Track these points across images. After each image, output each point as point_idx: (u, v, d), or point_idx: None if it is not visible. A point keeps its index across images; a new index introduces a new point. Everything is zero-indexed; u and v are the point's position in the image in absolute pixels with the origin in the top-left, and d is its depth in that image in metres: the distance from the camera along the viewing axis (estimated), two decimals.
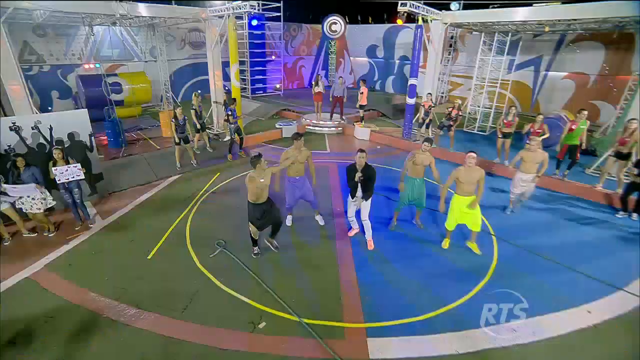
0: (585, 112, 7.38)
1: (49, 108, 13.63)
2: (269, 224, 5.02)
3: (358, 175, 4.84)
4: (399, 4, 9.13)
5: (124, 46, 15.48)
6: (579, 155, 7.54)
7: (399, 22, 10.21)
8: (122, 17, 9.35)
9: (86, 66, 14.62)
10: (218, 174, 8.36)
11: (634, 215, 6.52)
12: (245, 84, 16.94)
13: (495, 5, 11.63)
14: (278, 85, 19.49)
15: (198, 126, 9.21)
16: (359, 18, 21.36)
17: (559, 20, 8.89)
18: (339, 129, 12.17)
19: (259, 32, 17.72)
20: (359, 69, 22.14)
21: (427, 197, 5.89)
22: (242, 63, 13.33)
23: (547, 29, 9.32)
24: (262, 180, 4.62)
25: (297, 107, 15.09)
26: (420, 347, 3.66)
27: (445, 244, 5.52)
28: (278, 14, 17.54)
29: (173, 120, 8.06)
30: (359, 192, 5.01)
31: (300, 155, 5.51)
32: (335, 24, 19.44)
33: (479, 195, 5.04)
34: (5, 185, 5.22)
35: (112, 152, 9.39)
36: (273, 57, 19.34)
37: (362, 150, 4.86)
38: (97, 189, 7.12)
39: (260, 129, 11.86)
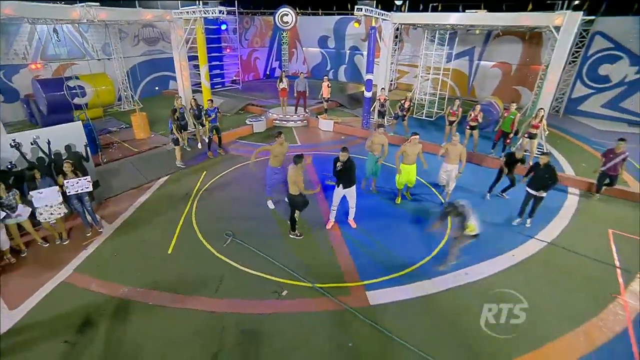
0: (514, 104, 9.25)
1: None
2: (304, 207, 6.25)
3: (339, 164, 6.04)
4: (355, 9, 10.30)
5: (73, 44, 14.81)
6: (509, 140, 9.41)
7: (356, 25, 11.29)
8: (89, 22, 9.37)
9: (33, 66, 13.90)
10: (204, 172, 9.06)
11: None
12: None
13: (435, 4, 13.34)
14: (235, 78, 19.83)
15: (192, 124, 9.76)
16: (309, 9, 22.07)
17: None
18: (304, 121, 13.22)
19: (213, 27, 17.83)
20: (311, 59, 23.04)
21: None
22: (195, 58, 13.39)
23: (477, 31, 11.08)
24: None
25: (260, 101, 15.77)
26: (404, 293, 5.10)
27: (398, 200, 7.66)
28: (233, 8, 17.76)
29: (173, 121, 8.92)
30: (343, 189, 6.21)
31: (282, 149, 6.76)
32: (286, 15, 19.83)
33: (422, 160, 7.23)
34: (31, 193, 5.62)
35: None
36: (228, 51, 19.53)
37: (344, 149, 6.04)
38: (95, 195, 7.52)
39: (230, 126, 12.44)
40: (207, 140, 9.96)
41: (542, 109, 8.74)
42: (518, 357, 4.17)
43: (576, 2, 10.50)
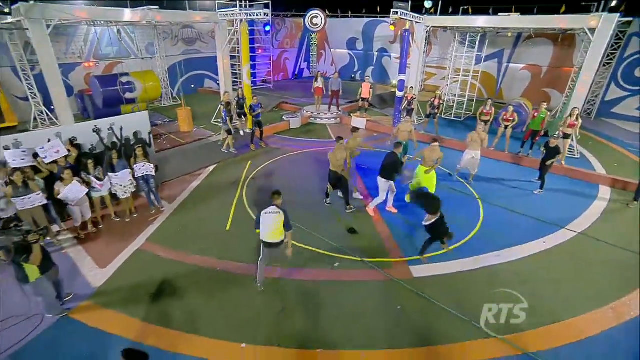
0: (545, 104, 9.55)
1: (52, 107, 14.14)
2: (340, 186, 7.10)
3: (407, 157, 6.65)
4: (391, 12, 10.83)
5: (121, 44, 15.98)
6: (537, 138, 9.73)
7: (392, 27, 11.83)
8: (149, 24, 10.32)
9: (86, 64, 15.13)
10: (249, 162, 9.79)
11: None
12: (237, 78, 18.00)
13: (465, 7, 13.69)
14: (266, 78, 20.71)
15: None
16: (339, 12, 22.71)
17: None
18: (338, 119, 13.83)
19: (249, 28, 18.70)
20: (339, 60, 23.66)
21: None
22: (233, 58, 14.27)
23: (509, 34, 11.39)
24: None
25: (291, 99, 16.50)
26: (442, 269, 5.62)
27: (407, 198, 7.50)
28: (267, 10, 18.58)
29: (227, 112, 9.95)
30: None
31: (355, 143, 7.62)
32: (316, 17, 20.47)
33: (435, 166, 7.16)
34: (110, 174, 6.48)
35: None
36: (260, 51, 20.40)
37: (399, 144, 6.60)
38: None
39: (267, 122, 13.13)
40: (249, 132, 10.74)
41: (576, 108, 9.01)
42: (545, 326, 4.60)
43: (613, 4, 10.58)
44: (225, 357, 4.19)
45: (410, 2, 11.48)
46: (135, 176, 6.93)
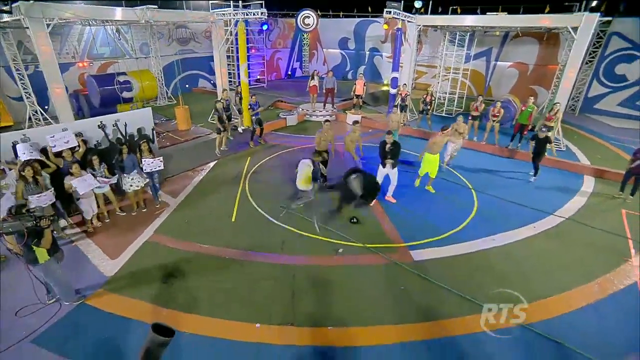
0: (532, 98, 10.00)
1: (46, 107, 14.08)
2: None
3: (388, 146, 6.96)
4: (385, 12, 11.18)
5: (115, 44, 15.98)
6: (526, 132, 10.19)
7: (385, 27, 12.19)
8: (146, 23, 10.44)
9: (80, 64, 15.10)
10: (249, 158, 10.00)
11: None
12: (232, 78, 18.14)
13: (454, 7, 14.16)
14: (259, 77, 20.91)
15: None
16: (330, 12, 23.01)
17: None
18: (333, 116, 14.12)
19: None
20: (331, 59, 23.96)
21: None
22: (228, 57, 14.40)
23: (497, 32, 11.86)
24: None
25: (286, 98, 16.72)
26: (441, 252, 5.96)
27: (417, 183, 8.27)
28: (263, 10, 18.77)
29: (217, 112, 9.82)
30: (389, 160, 7.09)
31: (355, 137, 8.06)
32: (308, 17, 20.66)
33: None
34: (125, 175, 6.63)
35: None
36: (253, 51, 20.57)
37: (389, 132, 6.93)
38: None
39: (264, 119, 13.29)
40: (246, 129, 10.93)
41: (558, 103, 9.49)
42: (537, 301, 4.94)
43: (594, 4, 11.19)
44: (242, 336, 4.41)
45: (402, 1, 11.87)
46: (145, 171, 7.08)
